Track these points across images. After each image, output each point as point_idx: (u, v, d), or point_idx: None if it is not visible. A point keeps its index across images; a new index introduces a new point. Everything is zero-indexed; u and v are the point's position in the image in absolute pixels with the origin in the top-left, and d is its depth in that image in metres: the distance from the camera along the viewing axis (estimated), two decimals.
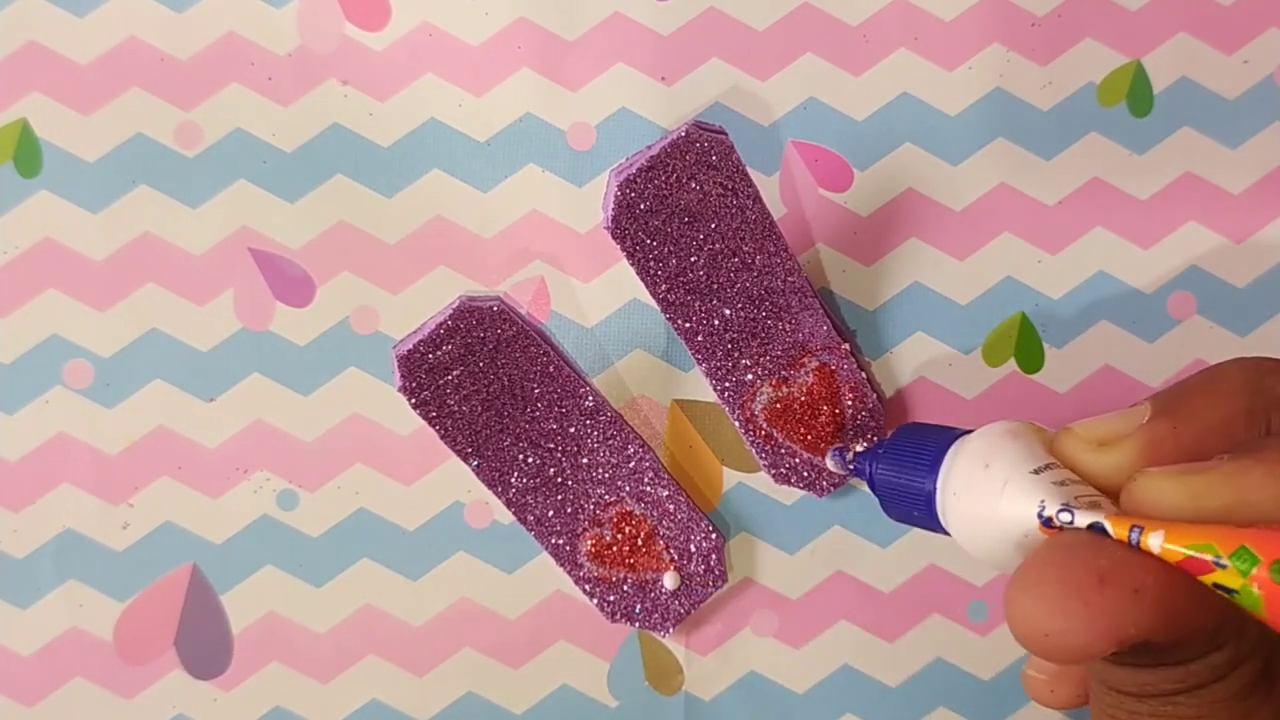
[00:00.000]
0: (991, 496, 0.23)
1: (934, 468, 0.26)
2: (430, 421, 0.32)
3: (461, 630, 0.35)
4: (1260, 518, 0.19)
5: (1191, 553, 0.19)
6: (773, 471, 0.34)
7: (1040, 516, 0.22)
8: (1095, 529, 0.21)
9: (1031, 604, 0.20)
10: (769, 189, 0.35)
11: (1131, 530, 0.20)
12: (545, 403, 0.33)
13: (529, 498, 0.33)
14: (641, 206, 0.31)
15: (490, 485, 0.33)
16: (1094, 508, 0.21)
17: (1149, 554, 0.20)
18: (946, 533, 0.26)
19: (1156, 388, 0.35)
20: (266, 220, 0.35)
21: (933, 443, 0.26)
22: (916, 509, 0.27)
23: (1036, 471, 0.23)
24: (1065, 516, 0.22)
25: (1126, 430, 0.23)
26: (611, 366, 0.36)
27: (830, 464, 0.33)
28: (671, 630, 0.34)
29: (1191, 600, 0.19)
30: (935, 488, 0.26)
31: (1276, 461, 0.20)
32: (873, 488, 0.30)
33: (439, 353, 0.31)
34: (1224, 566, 0.19)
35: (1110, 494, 0.23)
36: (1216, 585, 0.19)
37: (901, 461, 0.28)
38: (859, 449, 0.32)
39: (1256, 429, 0.22)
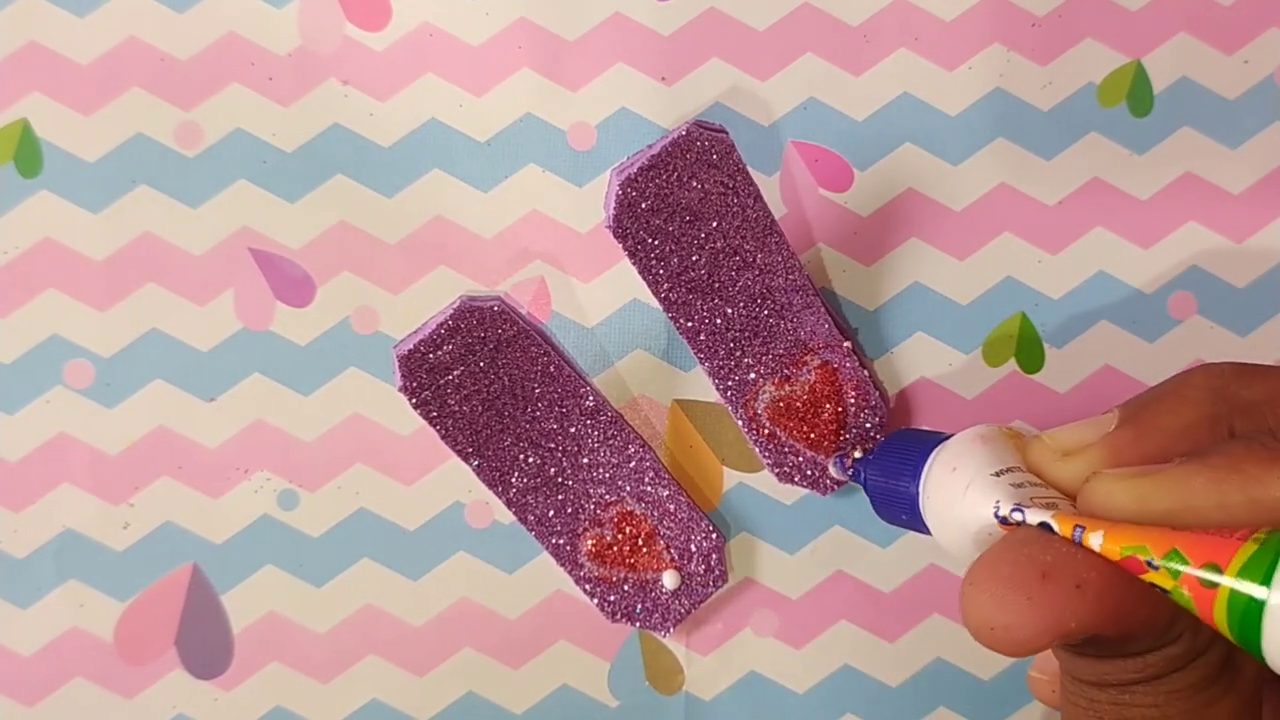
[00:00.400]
0: (956, 497, 0.24)
1: (916, 472, 0.27)
2: (430, 421, 0.32)
3: (461, 630, 0.35)
4: (1202, 522, 0.20)
5: (1127, 553, 0.20)
6: (776, 470, 0.34)
7: (996, 515, 0.23)
8: (1044, 527, 0.22)
9: (979, 598, 0.20)
10: (769, 189, 0.35)
11: (1075, 529, 0.21)
12: (546, 403, 0.33)
13: (529, 498, 0.33)
14: (643, 205, 0.31)
15: (491, 485, 0.33)
16: (1049, 508, 0.22)
17: (1094, 552, 0.20)
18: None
19: None
20: (266, 220, 0.35)
21: (917, 448, 0.28)
22: (903, 511, 0.28)
23: (997, 474, 0.24)
24: (1017, 516, 0.22)
25: (1093, 439, 0.23)
26: (612, 366, 0.36)
27: (833, 470, 0.34)
28: (672, 630, 0.34)
29: (1137, 596, 0.20)
30: (919, 492, 0.27)
31: (1221, 467, 0.20)
32: (866, 491, 0.31)
33: (439, 353, 0.31)
34: (1156, 568, 0.19)
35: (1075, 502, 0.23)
36: (1153, 584, 0.20)
37: (889, 466, 0.29)
38: (857, 455, 0.33)
39: (1219, 435, 0.22)
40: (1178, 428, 0.22)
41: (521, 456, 0.33)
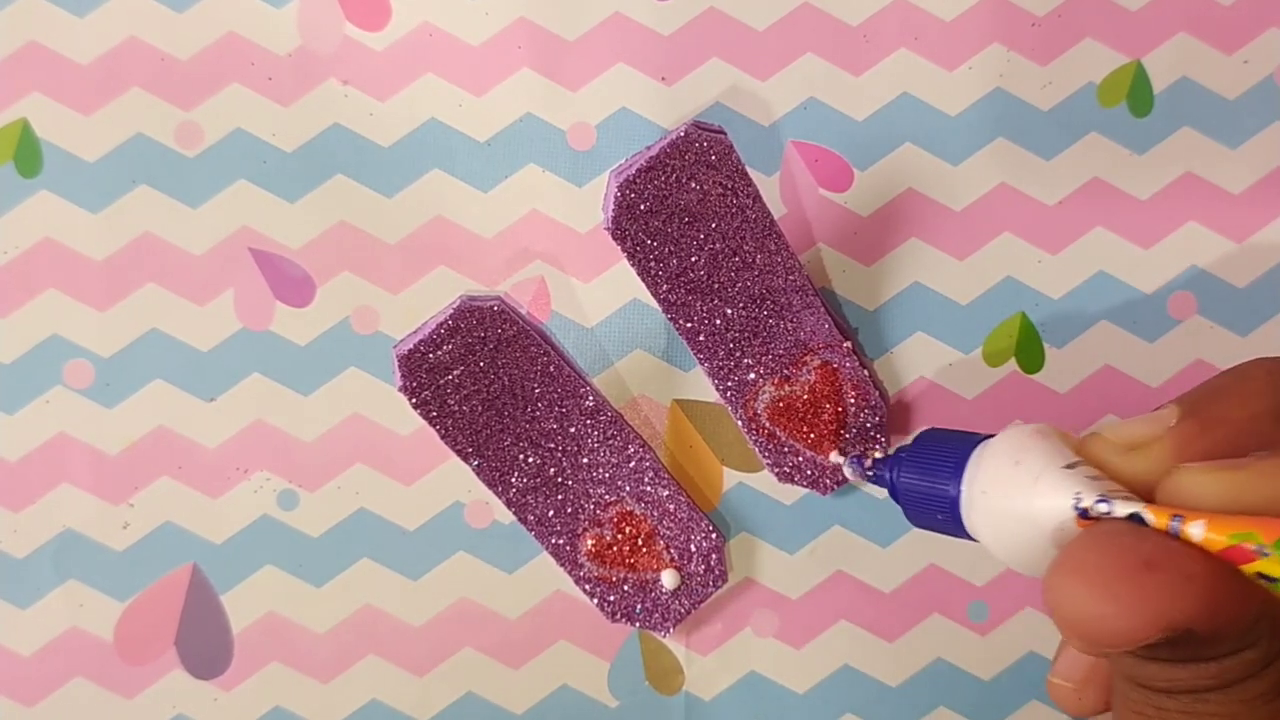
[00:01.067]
0: (1023, 492, 0.23)
1: (958, 471, 0.26)
2: (430, 421, 0.32)
3: (461, 630, 0.35)
4: None
5: (1235, 541, 0.19)
6: (776, 470, 0.34)
7: (1076, 508, 0.22)
8: (1134, 519, 0.21)
9: (1078, 589, 0.20)
10: (769, 189, 0.35)
11: (1172, 520, 0.20)
12: (545, 403, 0.33)
13: (529, 497, 0.33)
14: (642, 207, 0.31)
15: (490, 485, 0.33)
16: (1130, 500, 0.22)
17: (1192, 542, 0.20)
18: (970, 537, 0.26)
19: (1157, 388, 0.35)
20: (266, 220, 0.35)
21: (955, 446, 0.27)
22: (940, 513, 0.27)
23: (1069, 467, 0.23)
24: (1103, 506, 0.22)
25: (1155, 434, 0.23)
26: (611, 366, 0.36)
27: (848, 473, 0.33)
28: (672, 630, 0.34)
29: (1234, 590, 0.20)
30: (960, 491, 0.26)
31: None
32: (894, 494, 0.29)
33: (439, 352, 0.31)
34: (1267, 554, 0.19)
35: (1142, 496, 0.23)
36: (1259, 575, 0.19)
37: (925, 466, 0.28)
38: (877, 455, 0.32)
39: None
40: (1243, 420, 0.22)
41: (521, 456, 0.33)
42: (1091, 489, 0.22)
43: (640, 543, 0.34)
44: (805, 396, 0.34)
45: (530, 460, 0.33)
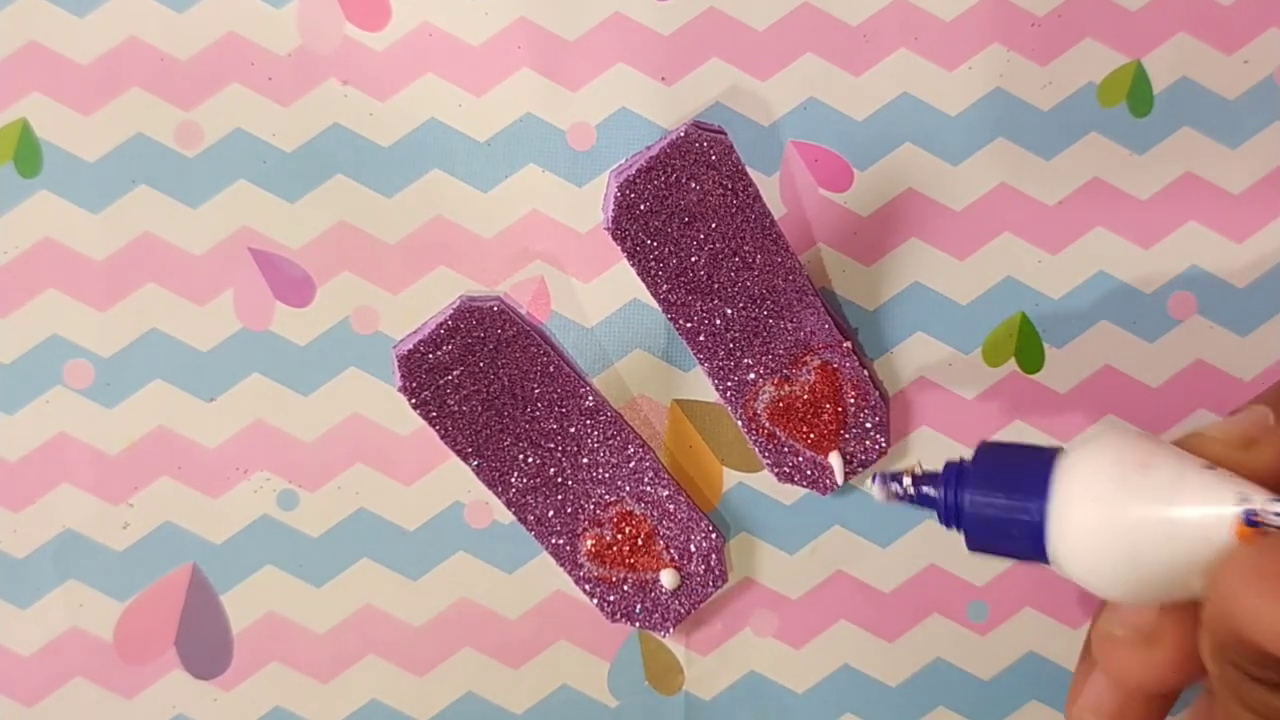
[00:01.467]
0: (1160, 497, 0.21)
1: (1043, 485, 0.24)
2: (430, 421, 0.32)
3: (461, 630, 0.35)
4: None
5: None
6: (776, 471, 0.34)
7: (1249, 513, 0.20)
8: None
9: None
10: (769, 189, 0.35)
11: None
12: (545, 403, 0.33)
13: (529, 498, 0.33)
14: (641, 207, 0.31)
15: (490, 485, 0.33)
16: None
17: None
18: (1045, 560, 0.24)
19: (1157, 388, 0.35)
20: (266, 220, 0.35)
21: (1029, 459, 0.24)
22: (1018, 532, 0.24)
23: (1209, 468, 0.21)
24: (1278, 507, 0.20)
25: (1257, 432, 0.22)
26: (611, 366, 0.36)
27: (876, 494, 0.27)
28: (671, 630, 0.34)
29: None
30: (1047, 508, 0.23)
31: None
32: (949, 516, 0.26)
33: (439, 353, 0.31)
34: None
35: None
36: None
37: (1000, 482, 0.24)
38: (918, 472, 0.26)
39: None
40: None
41: (521, 456, 0.33)
42: (1257, 491, 0.20)
43: (640, 543, 0.34)
44: (805, 396, 0.34)
45: (530, 460, 0.33)
